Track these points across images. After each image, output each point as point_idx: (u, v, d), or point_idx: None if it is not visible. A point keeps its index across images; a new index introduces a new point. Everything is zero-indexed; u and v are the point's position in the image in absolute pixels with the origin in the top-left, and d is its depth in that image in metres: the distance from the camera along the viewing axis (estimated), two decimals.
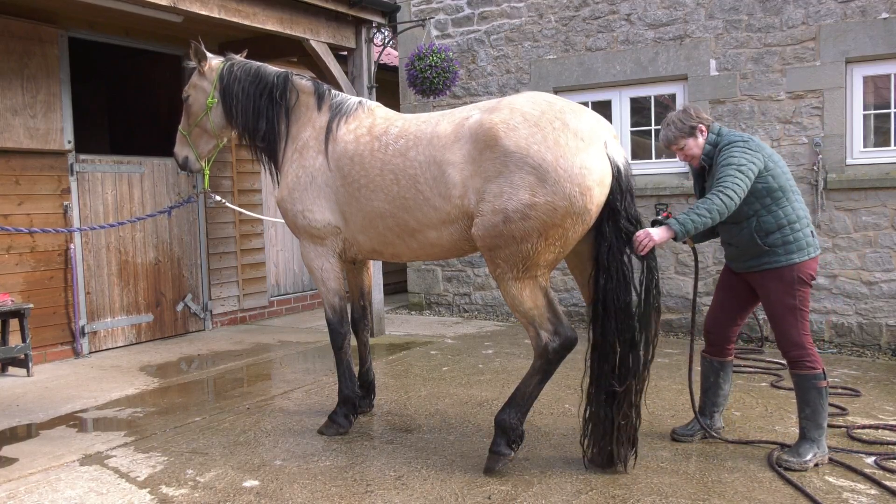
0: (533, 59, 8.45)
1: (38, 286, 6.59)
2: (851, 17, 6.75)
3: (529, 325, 3.82)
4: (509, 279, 3.76)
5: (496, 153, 3.65)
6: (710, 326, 4.29)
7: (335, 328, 4.65)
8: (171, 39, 7.77)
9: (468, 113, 3.93)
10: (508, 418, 3.85)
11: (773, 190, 3.85)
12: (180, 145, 5.07)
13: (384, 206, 4.12)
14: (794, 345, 3.91)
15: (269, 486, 3.78)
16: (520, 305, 3.79)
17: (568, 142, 3.58)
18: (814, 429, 3.90)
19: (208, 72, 4.81)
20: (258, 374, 6.27)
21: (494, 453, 3.88)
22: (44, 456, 4.29)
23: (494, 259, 3.77)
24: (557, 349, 3.78)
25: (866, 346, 6.79)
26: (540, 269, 3.74)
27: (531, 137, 3.59)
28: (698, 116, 4.06)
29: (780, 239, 3.86)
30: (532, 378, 3.86)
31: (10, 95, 6.28)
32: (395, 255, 4.37)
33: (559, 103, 3.76)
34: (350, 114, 4.45)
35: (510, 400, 3.91)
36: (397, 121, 4.26)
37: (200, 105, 4.85)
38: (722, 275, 4.31)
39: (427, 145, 3.95)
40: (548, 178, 3.54)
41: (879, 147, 6.85)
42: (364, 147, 4.23)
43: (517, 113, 3.69)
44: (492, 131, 3.68)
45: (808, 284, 3.91)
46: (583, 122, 3.67)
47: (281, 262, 9.30)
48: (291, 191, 4.51)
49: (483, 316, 8.89)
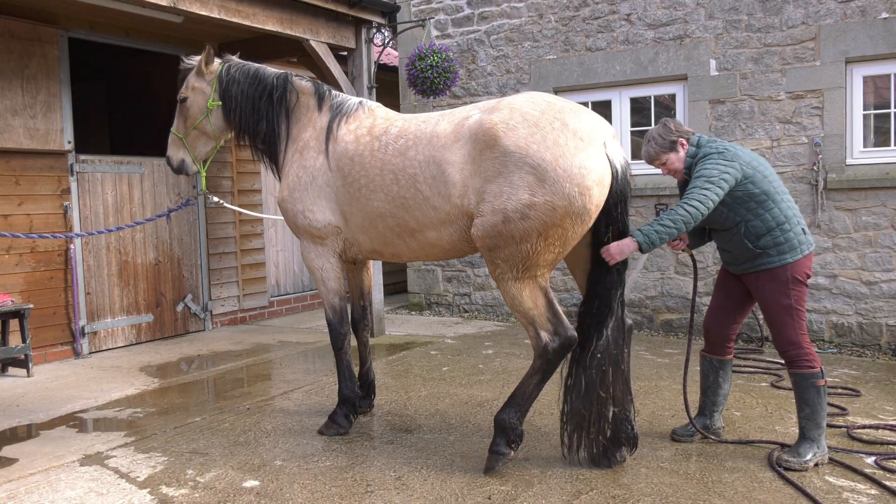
0: (533, 59, 8.45)
1: (38, 286, 6.59)
2: (851, 17, 6.75)
3: (529, 325, 3.82)
4: (509, 279, 3.76)
5: (495, 153, 3.66)
6: (710, 325, 4.29)
7: (335, 328, 4.64)
8: (171, 39, 7.78)
9: (468, 113, 3.94)
10: (508, 418, 3.85)
11: (756, 195, 3.87)
12: (174, 148, 4.96)
13: (384, 205, 4.12)
14: (791, 344, 3.92)
15: (269, 487, 3.78)
16: (519, 305, 3.79)
17: (567, 141, 3.58)
18: (813, 428, 3.90)
19: (207, 74, 4.78)
20: (258, 374, 6.27)
21: (494, 453, 3.88)
22: (44, 456, 4.29)
23: (494, 259, 3.77)
24: (557, 349, 3.79)
25: (866, 346, 6.79)
26: (540, 269, 3.74)
27: (530, 137, 3.60)
28: (678, 130, 4.07)
29: (770, 241, 3.88)
30: (532, 378, 3.86)
31: (10, 96, 6.28)
32: (395, 256, 4.37)
33: (559, 103, 3.76)
34: (350, 114, 4.45)
35: (510, 399, 3.92)
36: (397, 121, 4.26)
37: (199, 107, 4.80)
38: (720, 274, 4.32)
39: (427, 145, 3.95)
40: (547, 177, 3.54)
41: (879, 147, 6.85)
42: (364, 147, 4.23)
43: (517, 113, 3.70)
44: (491, 131, 3.68)
45: (804, 283, 3.92)
46: (582, 121, 3.68)
47: (281, 262, 9.30)
48: (292, 191, 4.51)
49: (483, 316, 8.89)
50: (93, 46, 7.77)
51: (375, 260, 4.56)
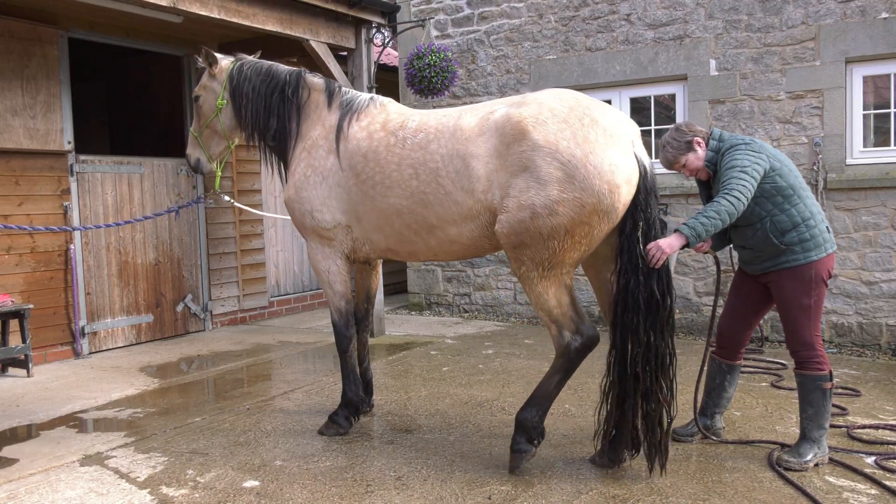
0: (533, 60, 8.45)
1: (38, 287, 6.59)
2: (851, 17, 6.75)
3: (552, 324, 3.78)
4: (534, 278, 3.71)
5: (523, 147, 3.61)
6: (723, 329, 4.25)
7: (341, 331, 4.62)
8: (171, 39, 7.78)
9: (493, 107, 3.91)
10: (530, 416, 3.82)
11: (783, 189, 3.83)
12: (192, 147, 5.04)
13: (401, 202, 4.06)
14: (805, 345, 3.89)
15: (269, 487, 3.78)
16: (544, 304, 3.75)
17: (598, 138, 3.56)
18: (815, 429, 3.89)
19: (218, 73, 4.79)
20: (258, 374, 6.27)
21: (517, 451, 3.84)
22: (44, 456, 4.29)
23: (520, 257, 3.71)
24: (580, 348, 3.75)
25: (866, 345, 6.79)
26: (565, 267, 3.69)
27: (560, 133, 3.56)
28: (691, 130, 4.06)
29: (796, 237, 3.83)
30: (553, 377, 3.83)
31: (9, 96, 6.28)
32: (411, 254, 4.28)
33: (585, 100, 3.74)
34: (361, 110, 4.39)
35: (531, 398, 3.88)
36: (414, 115, 4.22)
37: (210, 106, 4.82)
38: (735, 278, 4.27)
39: (450, 138, 3.90)
40: (577, 174, 3.51)
41: (879, 147, 6.85)
42: (379, 143, 4.18)
43: (545, 108, 3.67)
44: (520, 125, 3.64)
45: (825, 283, 3.89)
46: (610, 119, 3.66)
47: (281, 262, 9.30)
48: (299, 190, 4.46)
49: (483, 316, 8.89)
50: (93, 46, 7.77)
51: (390, 259, 4.52)
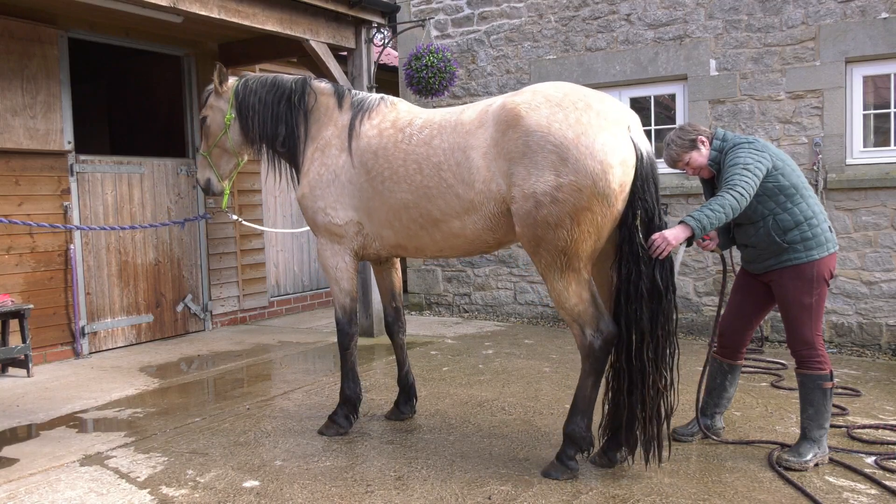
0: (533, 59, 8.45)
1: (38, 287, 6.59)
2: (851, 17, 6.75)
3: (574, 323, 3.79)
4: (555, 272, 3.73)
5: (518, 132, 3.67)
6: (725, 329, 4.27)
7: (344, 328, 4.64)
8: (171, 39, 7.78)
9: (493, 100, 4.00)
10: (577, 428, 3.81)
11: (785, 188, 3.85)
12: (202, 168, 5.10)
13: (407, 196, 4.13)
14: (805, 344, 3.89)
15: (269, 487, 3.78)
16: (566, 301, 3.76)
17: (590, 120, 3.59)
18: (815, 429, 3.90)
19: (224, 91, 4.87)
20: (258, 374, 6.27)
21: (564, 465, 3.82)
22: (44, 456, 4.29)
23: (538, 251, 3.75)
24: (602, 346, 3.76)
25: (866, 345, 6.79)
26: (581, 260, 3.70)
27: (552, 116, 3.62)
28: (696, 129, 4.11)
29: (798, 235, 3.85)
30: (586, 381, 3.83)
31: (9, 96, 6.28)
32: (419, 250, 4.34)
33: (583, 89, 3.80)
34: (372, 109, 4.48)
35: (573, 408, 3.87)
36: (421, 113, 4.32)
37: (218, 125, 4.90)
38: (738, 278, 4.28)
39: (451, 132, 4.00)
40: (569, 155, 3.54)
41: (879, 147, 6.84)
42: (388, 140, 4.27)
43: (539, 95, 3.74)
44: (514, 111, 3.71)
45: (827, 283, 3.89)
46: (606, 105, 3.71)
47: (281, 262, 9.30)
48: (312, 188, 4.53)
49: (483, 316, 8.89)
50: (93, 46, 7.77)
51: (399, 255, 4.57)
